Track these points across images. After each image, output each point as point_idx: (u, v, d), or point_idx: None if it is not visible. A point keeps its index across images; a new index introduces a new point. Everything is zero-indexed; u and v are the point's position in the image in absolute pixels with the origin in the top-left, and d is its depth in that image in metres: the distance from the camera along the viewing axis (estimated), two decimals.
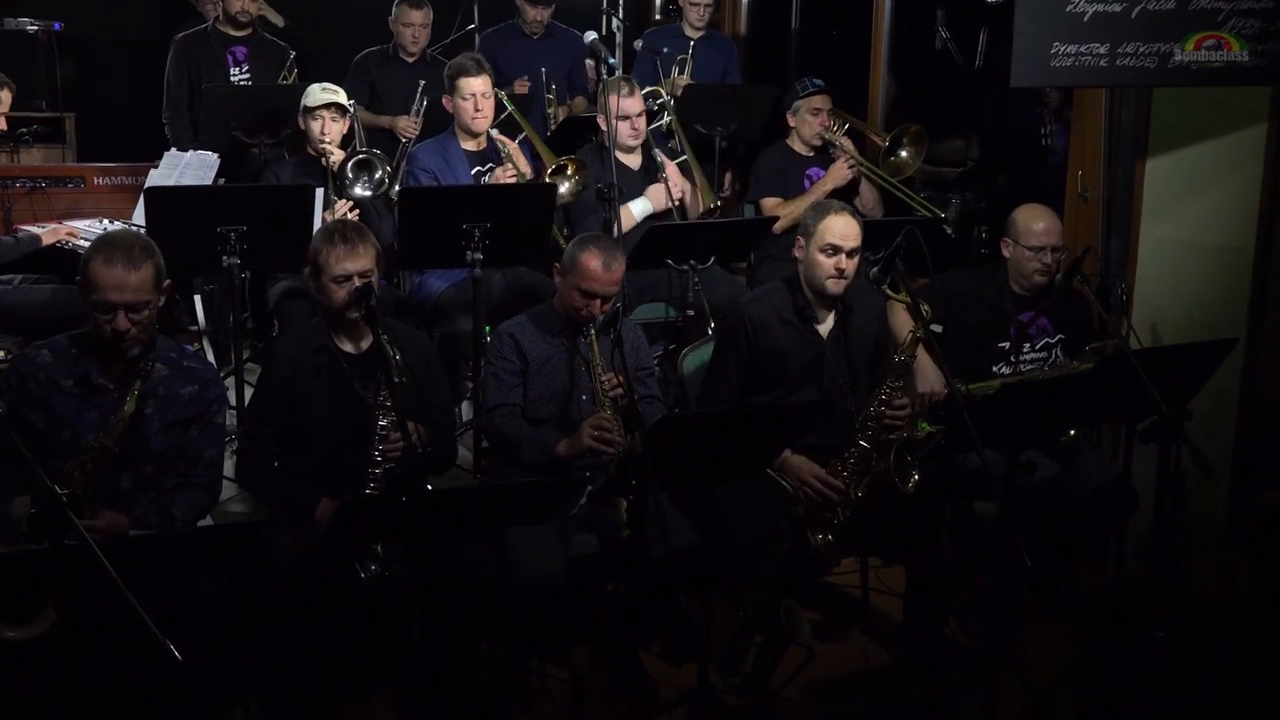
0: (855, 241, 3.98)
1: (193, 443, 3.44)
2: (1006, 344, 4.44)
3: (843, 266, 3.96)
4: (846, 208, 4.09)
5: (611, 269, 3.89)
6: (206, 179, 5.39)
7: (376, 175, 5.03)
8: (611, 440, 3.71)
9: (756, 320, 4.06)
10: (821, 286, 4.01)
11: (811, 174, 5.84)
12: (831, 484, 3.88)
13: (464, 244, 4.63)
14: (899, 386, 3.93)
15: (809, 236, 3.99)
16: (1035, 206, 4.50)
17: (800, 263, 4.04)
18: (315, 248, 3.64)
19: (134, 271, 3.23)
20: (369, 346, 3.65)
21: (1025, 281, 4.43)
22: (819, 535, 3.90)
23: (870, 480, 3.89)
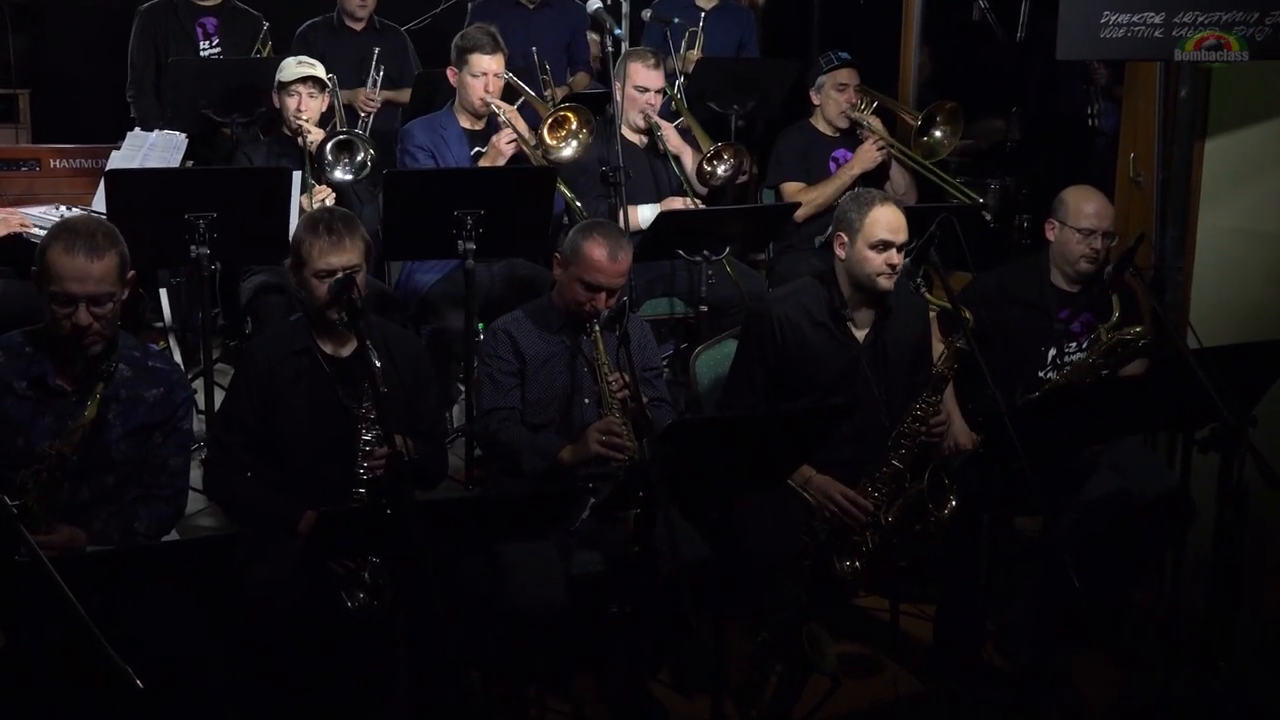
0: (905, 233, 3.96)
1: (156, 451, 3.42)
2: (1053, 351, 4.43)
3: (894, 262, 3.95)
4: (889, 197, 4.09)
5: (618, 259, 3.87)
6: (173, 161, 5.37)
7: (359, 158, 5.03)
8: (621, 446, 3.70)
9: (785, 320, 4.05)
10: (873, 285, 3.99)
11: (838, 156, 5.84)
12: (860, 503, 3.87)
13: (455, 232, 4.63)
14: (935, 401, 3.91)
15: (853, 231, 3.98)
16: (1086, 187, 4.49)
17: (842, 260, 4.02)
18: (299, 238, 3.63)
19: (97, 260, 3.21)
20: (354, 349, 3.64)
21: (1070, 269, 4.42)
22: (845, 563, 3.91)
23: (902, 504, 3.88)
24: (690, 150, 5.55)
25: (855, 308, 4.07)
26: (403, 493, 2.89)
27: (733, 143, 5.53)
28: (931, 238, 3.74)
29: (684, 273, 5.33)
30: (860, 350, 4.06)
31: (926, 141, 5.73)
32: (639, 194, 5.46)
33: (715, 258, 5.01)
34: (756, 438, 3.48)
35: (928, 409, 3.90)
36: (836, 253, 4.04)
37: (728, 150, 5.38)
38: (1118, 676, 4.23)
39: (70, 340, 3.25)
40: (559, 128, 5.24)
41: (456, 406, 5.37)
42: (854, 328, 4.08)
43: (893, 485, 3.92)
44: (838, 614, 4.40)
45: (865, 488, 3.92)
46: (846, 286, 4.05)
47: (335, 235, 3.57)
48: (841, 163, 5.79)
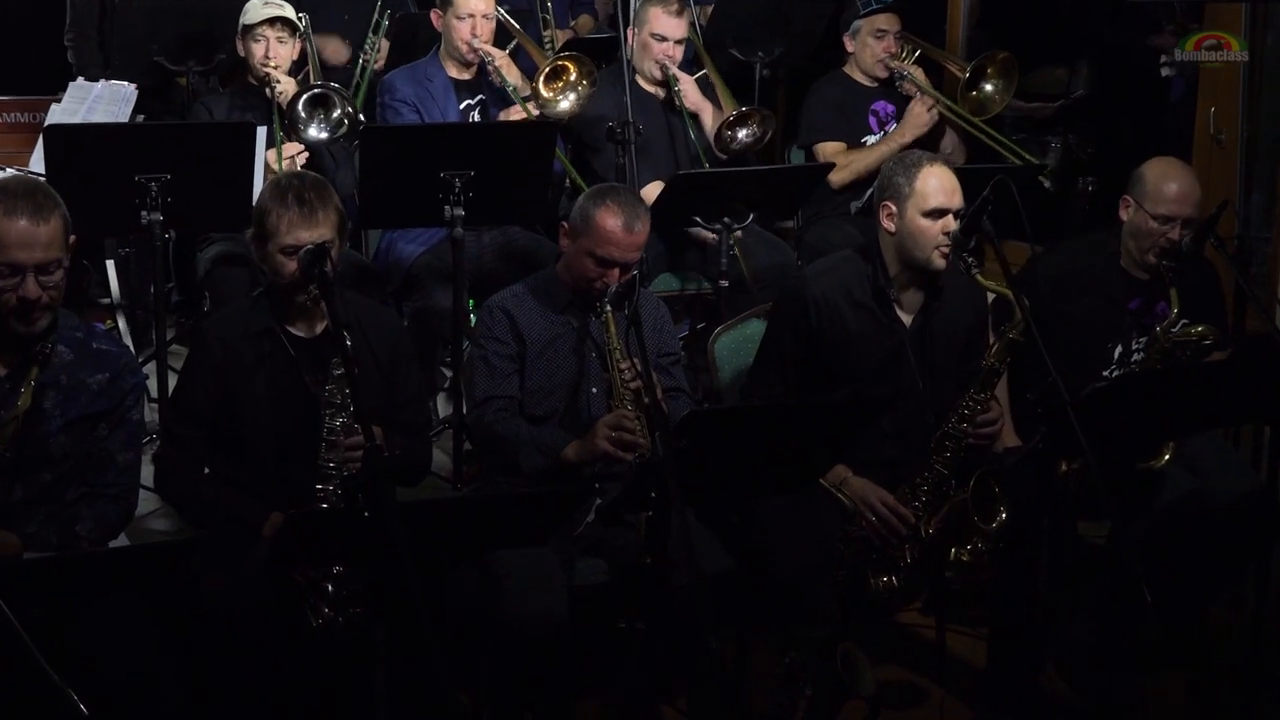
0: (961, 197, 3.95)
1: (102, 444, 3.41)
2: (1119, 347, 4.42)
3: (951, 229, 3.94)
4: (938, 157, 4.09)
5: (634, 230, 3.87)
6: (122, 115, 5.36)
7: (335, 114, 5.02)
8: (634, 444, 3.70)
9: (822, 300, 4.04)
10: (927, 260, 3.97)
11: (877, 109, 5.85)
12: (901, 513, 3.87)
13: (442, 196, 4.64)
14: (984, 399, 3.91)
15: (902, 199, 3.97)
16: (1171, 164, 4.41)
17: (891, 233, 4.01)
18: (263, 208, 3.60)
19: (43, 224, 3.20)
20: (324, 330, 3.64)
21: (1139, 257, 4.37)
22: (882, 578, 3.91)
23: (945, 515, 3.89)
24: (711, 108, 5.55)
25: (902, 287, 4.06)
26: (382, 492, 2.85)
27: (759, 108, 5.54)
28: (985, 203, 3.72)
29: (701, 243, 5.34)
30: (906, 336, 4.05)
31: (976, 96, 5.73)
32: (650, 154, 5.45)
33: (737, 227, 5.01)
34: (785, 431, 3.47)
35: (976, 407, 3.89)
36: (883, 225, 4.03)
37: (754, 115, 5.38)
38: (1194, 705, 4.24)
39: (17, 315, 3.23)
40: (556, 78, 5.24)
41: (441, 395, 5.43)
42: (900, 310, 4.07)
43: (935, 493, 3.92)
44: (876, 632, 4.40)
45: (905, 494, 3.92)
46: (894, 262, 4.04)
47: (306, 207, 3.54)
48: (882, 116, 5.82)
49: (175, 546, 3.33)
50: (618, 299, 3.79)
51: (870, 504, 3.86)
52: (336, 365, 3.47)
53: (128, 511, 3.51)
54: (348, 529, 3.02)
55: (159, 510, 4.59)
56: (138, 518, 4.24)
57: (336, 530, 3.08)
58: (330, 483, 3.52)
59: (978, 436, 3.92)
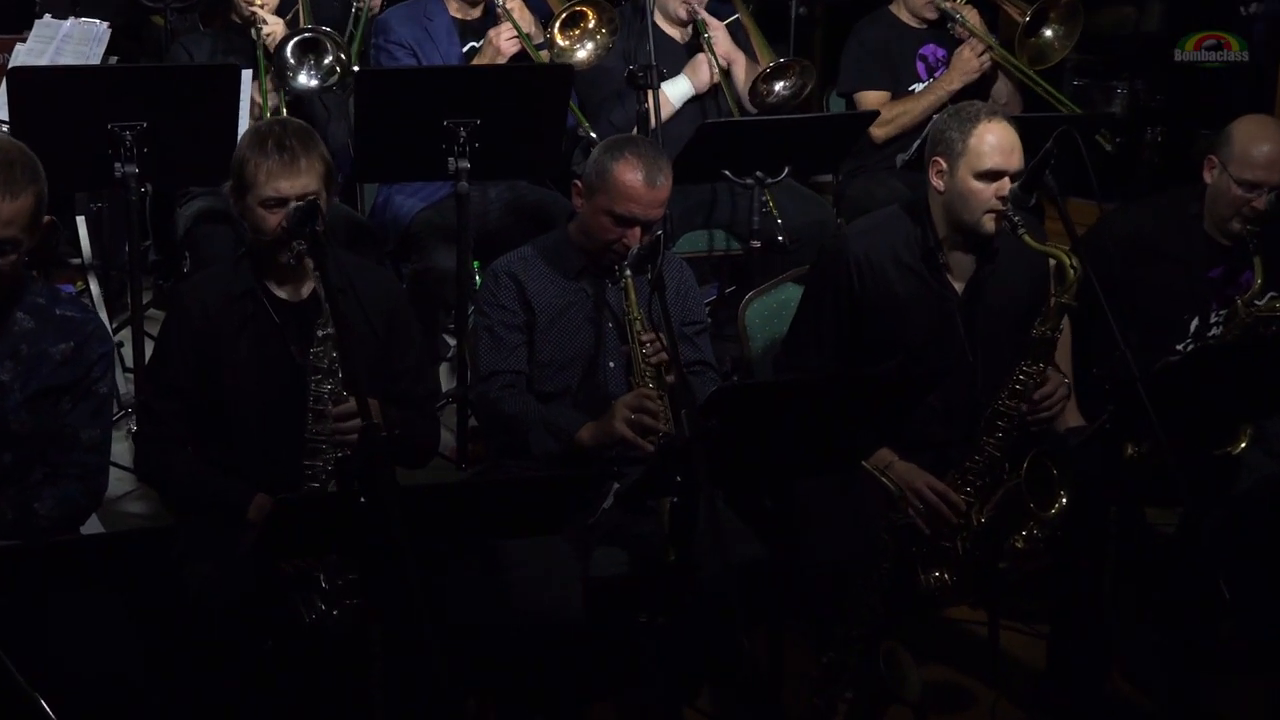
0: (1020, 158, 3.93)
1: (66, 420, 3.40)
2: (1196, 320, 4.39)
3: (1006, 193, 3.92)
4: (998, 110, 4.06)
5: (656, 185, 3.86)
6: (93, 57, 5.34)
7: (326, 61, 4.99)
8: (656, 427, 3.70)
9: (865, 262, 4.03)
10: (976, 223, 3.95)
11: (925, 53, 5.82)
12: (951, 500, 3.85)
13: (445, 147, 4.63)
14: (1037, 371, 3.90)
15: (954, 156, 3.95)
16: (1263, 123, 4.35)
17: (941, 193, 4.00)
18: (241, 157, 3.59)
19: (5, 200, 3.17)
20: (312, 293, 3.64)
21: (1221, 225, 4.34)
22: (932, 574, 3.92)
23: (998, 502, 3.87)
24: (744, 59, 5.52)
25: (952, 250, 4.05)
26: (379, 475, 2.85)
27: (798, 59, 5.50)
28: (1047, 157, 3.69)
29: (730, 198, 5.33)
30: (957, 304, 4.04)
31: (1035, 43, 5.67)
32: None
33: (771, 181, 4.98)
34: (825, 408, 3.45)
35: (1028, 381, 3.88)
36: (933, 183, 4.01)
37: (792, 68, 5.35)
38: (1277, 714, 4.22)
39: None
40: (573, 25, 5.21)
41: (444, 366, 5.42)
42: (950, 274, 4.06)
43: (987, 477, 3.90)
44: (922, 629, 4.38)
45: (954, 480, 3.91)
46: (943, 223, 4.03)
47: (287, 154, 3.53)
48: (931, 61, 5.79)
49: (153, 533, 3.31)
50: (639, 263, 3.76)
51: (917, 490, 3.84)
52: (322, 325, 3.47)
53: (94, 493, 3.50)
54: (342, 515, 3.01)
55: (135, 492, 4.61)
56: (112, 500, 4.48)
57: (329, 516, 3.08)
58: (319, 458, 3.51)
59: (1035, 414, 3.90)
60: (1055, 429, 4.04)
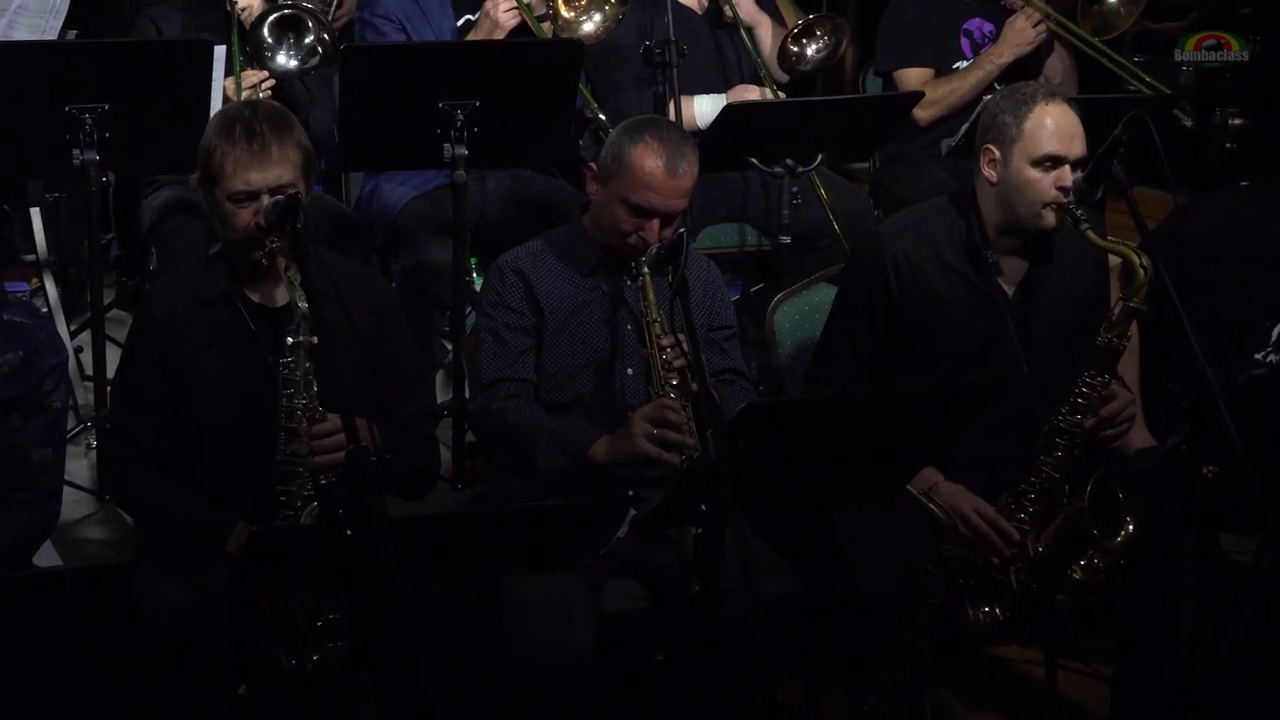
0: (1082, 144, 3.92)
1: (15, 439, 3.40)
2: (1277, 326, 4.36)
3: (1068, 184, 3.90)
4: (1055, 91, 4.07)
5: (678, 173, 3.85)
6: (50, 31, 5.25)
7: (307, 40, 4.94)
8: (680, 443, 3.68)
9: (904, 261, 4.03)
10: (1035, 218, 3.94)
11: (971, 29, 5.81)
12: (1003, 528, 3.84)
13: (439, 132, 4.61)
14: (1101, 384, 3.87)
15: (1008, 143, 3.94)
16: None
17: (994, 184, 3.99)
18: (208, 145, 3.57)
19: None
20: None
21: None
22: (982, 609, 3.90)
23: (1058, 528, 3.86)
24: (769, 21, 5.51)
25: (1004, 248, 4.03)
26: (368, 505, 2.81)
27: (829, 14, 5.47)
28: (1116, 145, 3.68)
29: (759, 189, 5.31)
30: (1007, 307, 4.02)
31: (1098, 10, 5.64)
32: (696, 81, 5.40)
33: (803, 169, 4.96)
34: (867, 428, 3.42)
35: (1091, 394, 3.85)
36: (984, 173, 4.00)
37: (822, 25, 5.33)
38: None
39: None
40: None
41: (439, 374, 5.42)
42: (1000, 275, 4.04)
43: (1045, 501, 3.89)
44: (972, 668, 4.37)
45: (1008, 504, 3.90)
46: (995, 218, 4.02)
47: (258, 142, 3.51)
48: (977, 37, 5.78)
49: (111, 570, 3.29)
50: (660, 260, 3.73)
51: (965, 516, 3.84)
52: (292, 333, 3.43)
53: (46, 519, 3.50)
54: (326, 549, 3.00)
55: (95, 515, 4.62)
56: (68, 524, 4.50)
57: (312, 550, 3.07)
58: (294, 482, 3.48)
59: (1100, 431, 3.88)
60: (1122, 449, 4.01)
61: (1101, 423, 3.88)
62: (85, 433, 4.88)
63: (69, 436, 4.70)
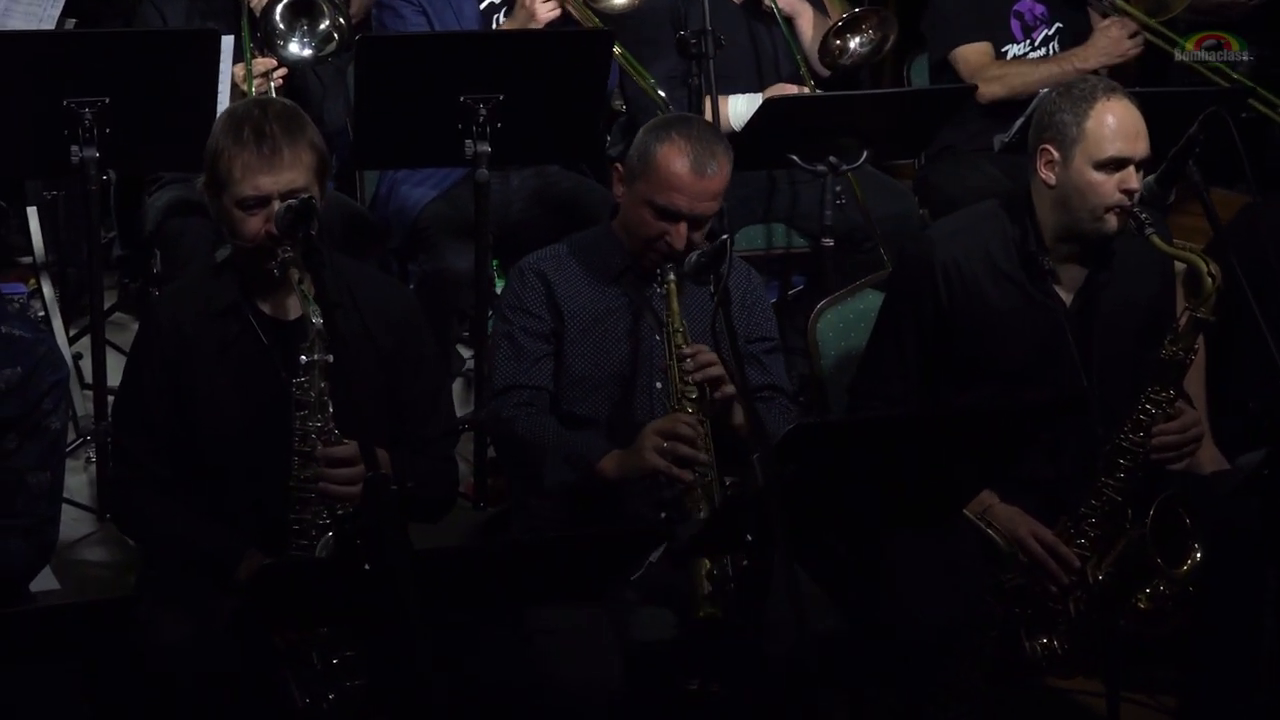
0: (1146, 143, 3.88)
1: (10, 462, 3.34)
2: None
3: (1132, 186, 3.86)
4: (1117, 86, 4.00)
5: (706, 173, 3.80)
6: (47, 19, 5.25)
7: (321, 27, 4.92)
8: (693, 458, 3.63)
9: (954, 268, 4.01)
10: (1097, 223, 3.90)
11: (1022, 10, 5.77)
12: (1062, 555, 3.81)
13: (462, 128, 4.59)
14: (1167, 400, 3.83)
15: (1068, 143, 3.90)
16: None
17: (1051, 187, 3.95)
18: (215, 147, 3.51)
19: None
20: None
21: None
22: (1039, 640, 3.86)
23: (1119, 555, 3.83)
24: (811, 12, 5.47)
25: (1061, 254, 3.99)
26: (389, 539, 2.77)
27: (877, 7, 5.46)
28: (1191, 144, 3.67)
29: (799, 187, 5.30)
30: (1065, 317, 3.98)
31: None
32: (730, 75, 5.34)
33: (847, 167, 4.92)
34: (923, 449, 3.41)
35: (1155, 411, 3.82)
36: (1041, 174, 3.96)
37: (869, 18, 5.29)
38: None
39: None
40: None
41: (458, 382, 5.46)
42: (1058, 283, 4.01)
43: (1106, 526, 3.85)
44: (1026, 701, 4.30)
45: (1066, 528, 3.86)
46: (1052, 223, 3.98)
47: (268, 144, 3.46)
48: (1029, 20, 5.75)
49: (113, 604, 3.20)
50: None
51: (1022, 541, 3.81)
52: (306, 351, 3.38)
53: (42, 548, 3.46)
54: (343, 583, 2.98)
55: (95, 535, 4.60)
56: (68, 545, 4.48)
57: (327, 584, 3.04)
58: (307, 509, 3.43)
59: (1165, 452, 3.84)
60: (1190, 470, 4.00)
61: (1166, 443, 3.83)
62: (84, 446, 4.86)
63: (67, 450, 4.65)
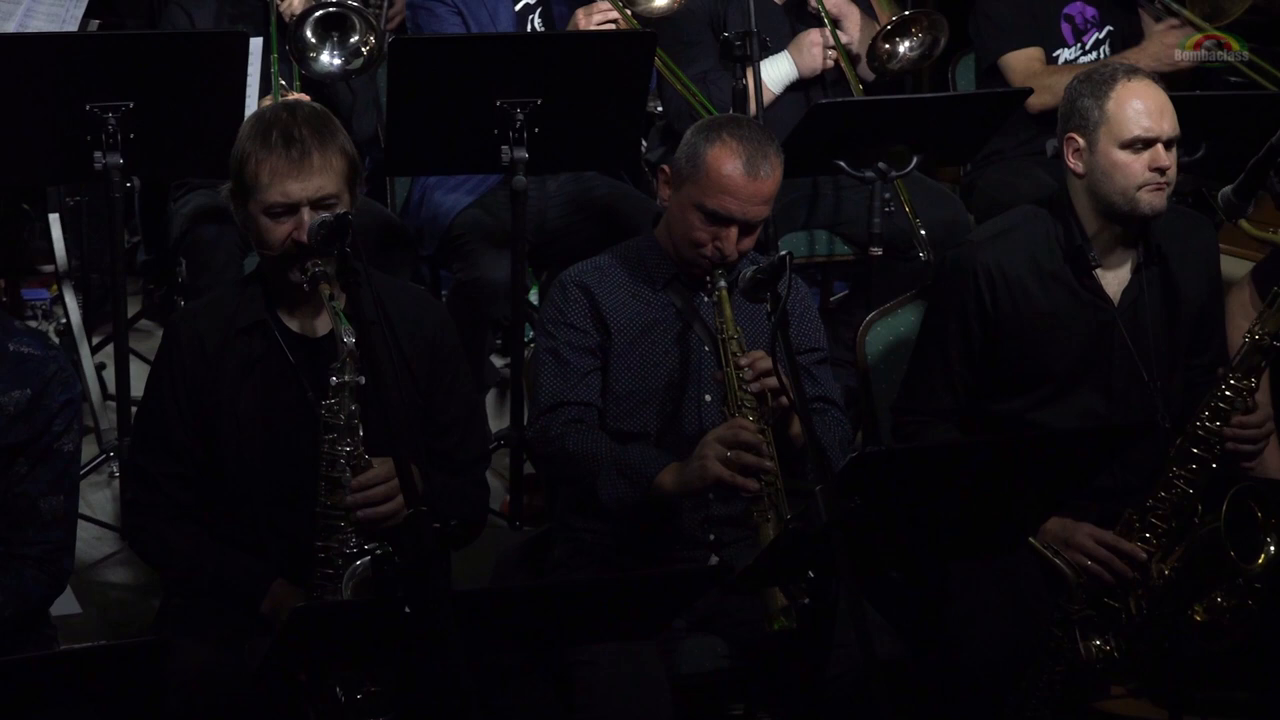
0: (1173, 121, 3.86)
1: (21, 487, 3.29)
2: None
3: (1163, 164, 3.84)
4: (1139, 69, 3.99)
5: (760, 175, 3.73)
6: (70, 21, 5.21)
7: (352, 40, 4.84)
8: (759, 466, 3.53)
9: (996, 272, 3.97)
10: (1132, 205, 3.85)
11: (1073, 13, 5.71)
12: (1124, 549, 3.73)
13: (499, 133, 4.54)
14: (1247, 388, 3.75)
15: (1091, 128, 3.88)
16: None
17: (1080, 176, 3.93)
18: (242, 152, 3.45)
19: None
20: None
21: None
22: (1094, 641, 3.76)
23: (1187, 550, 3.73)
24: (858, 15, 5.37)
25: (1105, 248, 3.95)
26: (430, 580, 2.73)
27: (928, 10, 5.39)
28: (1275, 152, 3.71)
29: (843, 193, 5.23)
30: (1116, 313, 3.95)
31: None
32: None
33: (897, 174, 4.86)
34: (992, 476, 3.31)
35: (1235, 399, 3.75)
36: (1070, 166, 3.95)
37: (919, 22, 5.21)
38: None
39: None
40: None
41: (490, 394, 5.41)
42: (1104, 279, 3.97)
43: (1174, 520, 3.78)
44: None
45: (1131, 522, 3.79)
46: (1090, 215, 3.95)
47: (297, 148, 3.38)
48: (1079, 23, 5.69)
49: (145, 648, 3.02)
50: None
51: (1079, 544, 3.73)
52: (337, 372, 3.32)
53: (57, 576, 3.39)
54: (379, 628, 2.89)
55: (118, 555, 4.51)
56: (89, 565, 4.44)
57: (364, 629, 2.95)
58: (335, 537, 3.35)
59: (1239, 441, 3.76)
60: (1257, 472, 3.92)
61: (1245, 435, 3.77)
62: (108, 462, 4.78)
63: (90, 466, 4.71)
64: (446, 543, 2.84)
